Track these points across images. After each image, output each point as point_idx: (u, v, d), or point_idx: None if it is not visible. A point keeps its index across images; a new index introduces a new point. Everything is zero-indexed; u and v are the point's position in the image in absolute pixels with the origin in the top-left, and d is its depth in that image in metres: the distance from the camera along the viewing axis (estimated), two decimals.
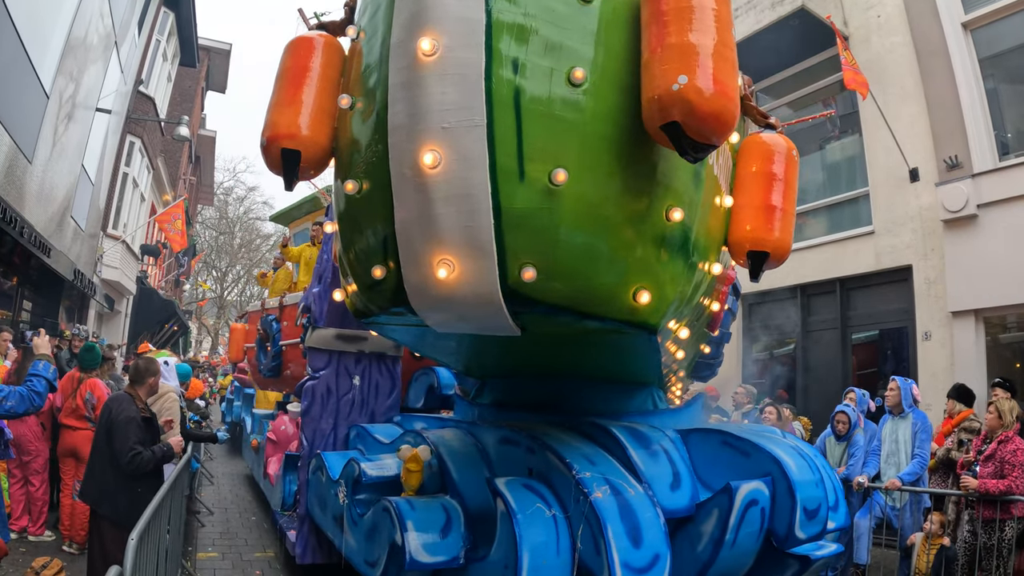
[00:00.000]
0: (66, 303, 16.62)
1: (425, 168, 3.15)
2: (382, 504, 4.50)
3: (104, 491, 5.59)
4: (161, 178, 26.18)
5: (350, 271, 3.95)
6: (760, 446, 4.41)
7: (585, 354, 4.63)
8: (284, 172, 3.84)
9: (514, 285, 3.30)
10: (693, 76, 2.97)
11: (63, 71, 12.00)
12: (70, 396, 8.22)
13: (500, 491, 3.97)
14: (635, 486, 4.08)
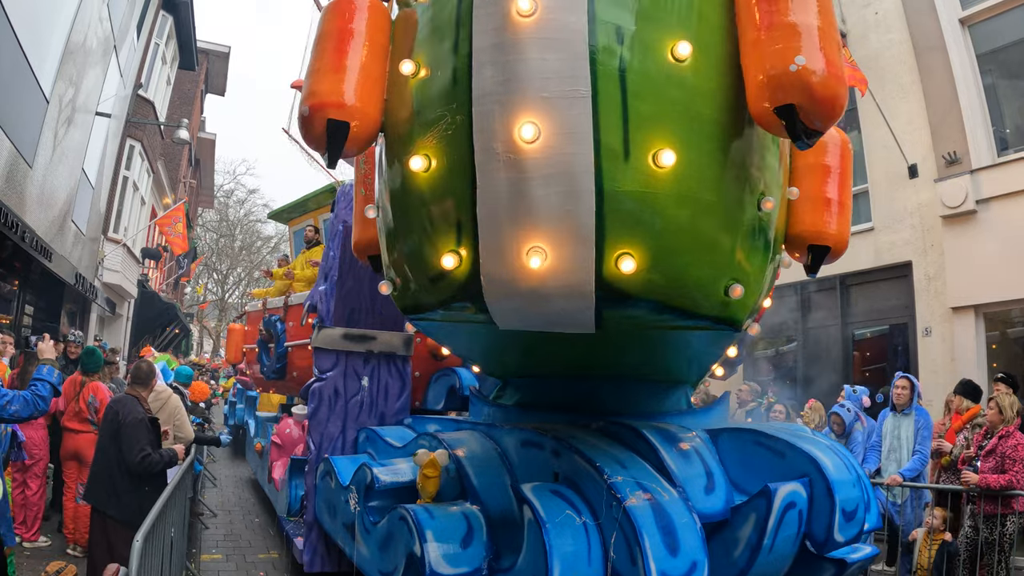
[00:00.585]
0: (68, 307, 16.48)
1: (520, 142, 2.83)
2: (398, 512, 4.25)
3: (111, 492, 5.59)
4: (161, 181, 26.00)
5: (406, 262, 3.54)
6: (796, 446, 4.20)
7: (638, 352, 4.33)
8: (329, 146, 3.36)
9: (609, 277, 2.98)
10: (810, 57, 2.79)
11: (63, 76, 11.88)
12: (73, 400, 8.15)
13: (527, 498, 3.71)
14: (669, 490, 3.82)
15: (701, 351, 4.35)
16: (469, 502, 4.32)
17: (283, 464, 8.94)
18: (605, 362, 4.46)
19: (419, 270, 3.42)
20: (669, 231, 3.01)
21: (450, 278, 3.23)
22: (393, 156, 3.46)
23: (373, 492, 4.93)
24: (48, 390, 5.22)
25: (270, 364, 10.16)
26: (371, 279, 6.73)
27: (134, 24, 17.81)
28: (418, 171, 3.19)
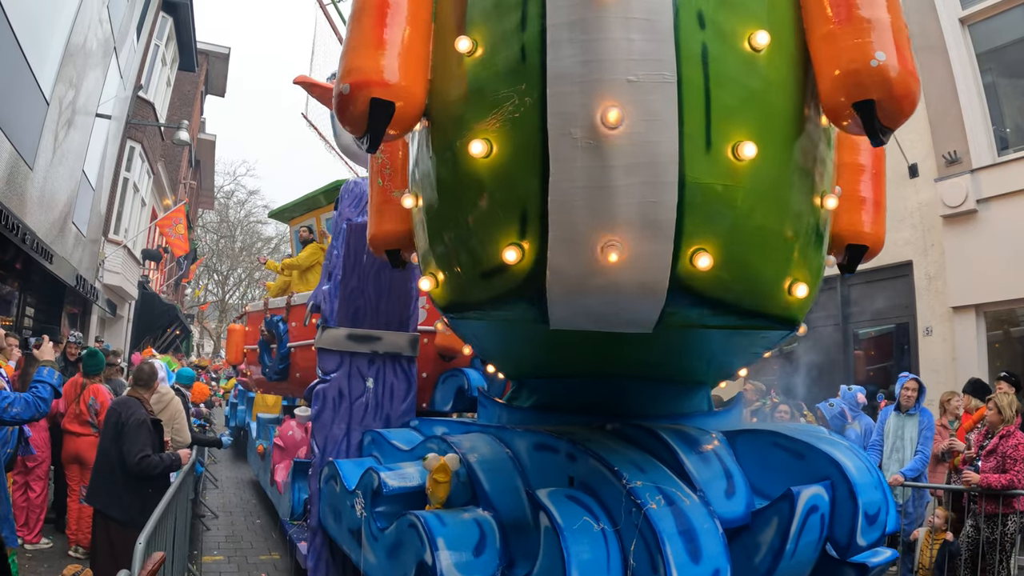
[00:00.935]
0: (68, 309, 16.45)
1: (603, 128, 2.62)
2: (407, 519, 4.08)
3: (113, 493, 5.59)
4: (161, 183, 25.94)
5: (456, 255, 3.24)
6: (816, 447, 4.06)
7: (677, 352, 4.11)
8: (371, 129, 3.08)
9: (683, 274, 2.79)
10: (890, 53, 2.69)
11: (63, 78, 11.85)
12: (73, 402, 8.15)
13: (544, 504, 3.52)
14: (689, 495, 3.65)
15: (744, 352, 4.15)
16: (481, 508, 4.15)
17: (286, 467, 8.87)
18: (633, 362, 4.25)
19: (471, 264, 3.15)
20: (744, 227, 2.84)
21: (509, 273, 2.97)
22: (443, 140, 3.18)
23: (380, 497, 4.74)
24: (48, 392, 5.23)
25: (272, 365, 9.98)
26: (375, 277, 6.63)
27: (134, 26, 17.78)
28: (477, 156, 2.91)
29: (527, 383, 5.09)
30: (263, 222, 47.05)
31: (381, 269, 6.60)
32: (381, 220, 4.26)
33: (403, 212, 4.02)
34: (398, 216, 4.12)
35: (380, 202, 4.27)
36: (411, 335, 6.70)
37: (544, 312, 3.07)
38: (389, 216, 4.16)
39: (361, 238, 6.51)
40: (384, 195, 4.22)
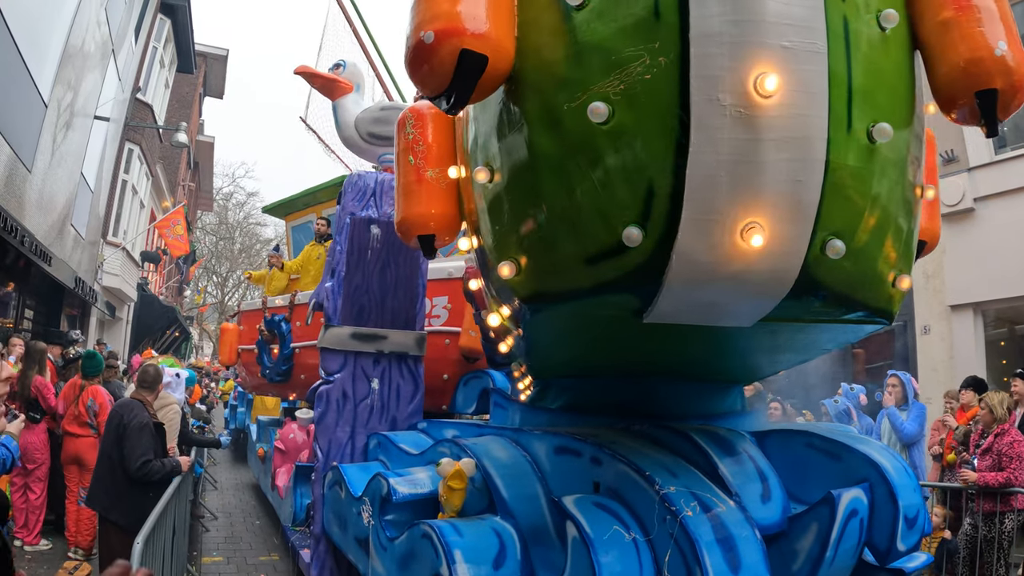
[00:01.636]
0: (68, 311, 16.38)
1: (756, 96, 2.33)
2: (420, 529, 3.80)
3: (113, 497, 5.53)
4: (160, 185, 25.86)
5: (556, 237, 2.78)
6: (853, 448, 3.84)
7: (735, 349, 3.75)
8: (460, 83, 2.66)
9: (812, 262, 2.52)
10: (1010, 43, 2.55)
11: (61, 80, 11.80)
12: (72, 403, 8.10)
13: (571, 513, 3.29)
14: (725, 500, 3.39)
15: (812, 348, 3.79)
16: (499, 516, 3.86)
17: (287, 471, 8.66)
18: (676, 359, 3.91)
19: (574, 247, 2.70)
20: (871, 213, 2.61)
21: (622, 258, 2.56)
22: (541, 105, 2.74)
23: (389, 505, 4.46)
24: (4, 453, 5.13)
25: (274, 366, 9.72)
26: (380, 274, 6.40)
27: (132, 28, 17.74)
28: (596, 123, 2.49)
29: (554, 383, 4.69)
30: (262, 224, 46.94)
31: (386, 265, 6.39)
32: (414, 202, 3.85)
33: (439, 193, 3.74)
34: (434, 197, 3.78)
35: (411, 182, 3.86)
36: (418, 333, 6.45)
37: (647, 303, 2.73)
38: (424, 197, 3.79)
39: (365, 233, 6.34)
40: (417, 174, 3.84)
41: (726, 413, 4.51)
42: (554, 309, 3.01)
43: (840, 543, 3.44)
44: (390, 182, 6.54)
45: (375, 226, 6.38)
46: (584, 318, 3.17)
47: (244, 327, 11.44)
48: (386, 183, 6.57)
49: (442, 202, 3.78)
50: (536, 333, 3.59)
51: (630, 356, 3.89)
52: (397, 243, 6.37)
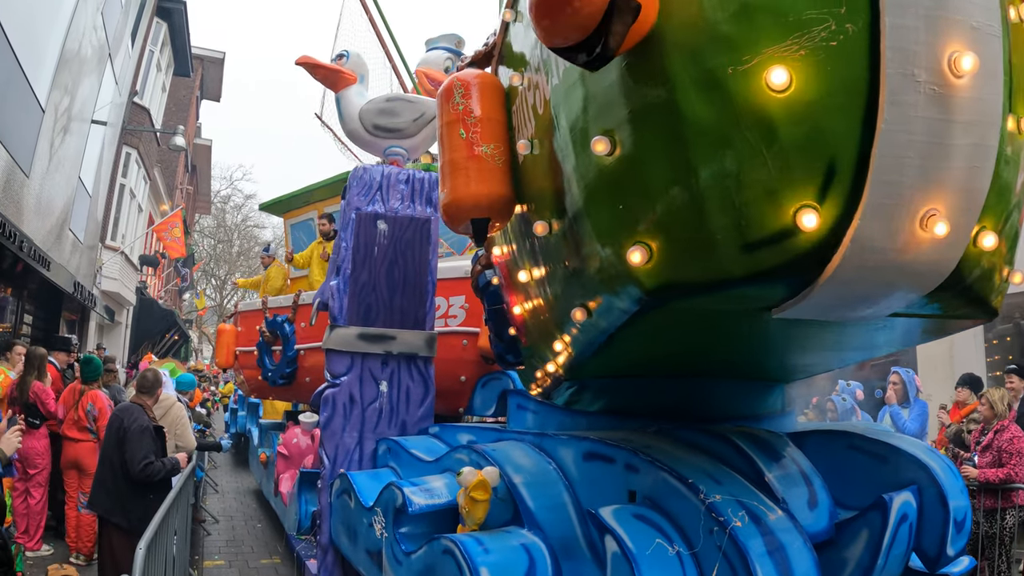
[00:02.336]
0: (67, 316, 16.23)
1: (950, 75, 2.14)
2: (441, 544, 3.53)
3: (115, 500, 5.51)
4: (158, 188, 25.74)
5: (707, 219, 2.39)
6: (900, 449, 3.69)
7: (810, 345, 3.47)
8: (607, 33, 2.31)
9: (967, 254, 2.35)
10: None
11: (58, 84, 11.69)
12: (72, 408, 8.04)
13: (610, 526, 3.03)
14: (774, 508, 3.16)
15: (896, 343, 3.54)
16: (526, 529, 3.57)
17: (291, 477, 8.48)
18: (729, 358, 3.67)
19: (731, 230, 2.36)
20: (1012, 206, 2.45)
21: (789, 243, 2.28)
22: (695, 65, 2.38)
23: (405, 517, 4.17)
24: None
25: (276, 369, 9.42)
26: (388, 271, 6.10)
27: (128, 32, 17.62)
28: (775, 90, 2.21)
29: (590, 384, 4.33)
30: (260, 226, 46.70)
31: (394, 262, 6.17)
32: (466, 181, 3.47)
33: (495, 171, 3.44)
34: (489, 176, 3.44)
35: (463, 158, 3.48)
36: (428, 333, 6.18)
37: (791, 296, 2.47)
38: (477, 176, 3.43)
39: (371, 228, 6.09)
40: (469, 150, 3.47)
41: (767, 414, 4.28)
42: (680, 303, 2.63)
43: (890, 550, 3.27)
44: (397, 175, 6.30)
45: (382, 221, 6.13)
46: (699, 313, 2.80)
47: (242, 328, 11.10)
48: (392, 176, 6.29)
49: (498, 182, 3.46)
50: (629, 331, 3.08)
51: (695, 354, 3.62)
52: (405, 239, 6.16)
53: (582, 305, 3.06)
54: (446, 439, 5.50)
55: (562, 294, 3.36)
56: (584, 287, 3.02)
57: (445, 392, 6.42)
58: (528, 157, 3.33)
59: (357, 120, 6.84)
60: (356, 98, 6.92)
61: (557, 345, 3.79)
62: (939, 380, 10.34)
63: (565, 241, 3.10)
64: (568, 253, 3.09)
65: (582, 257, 2.95)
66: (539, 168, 3.25)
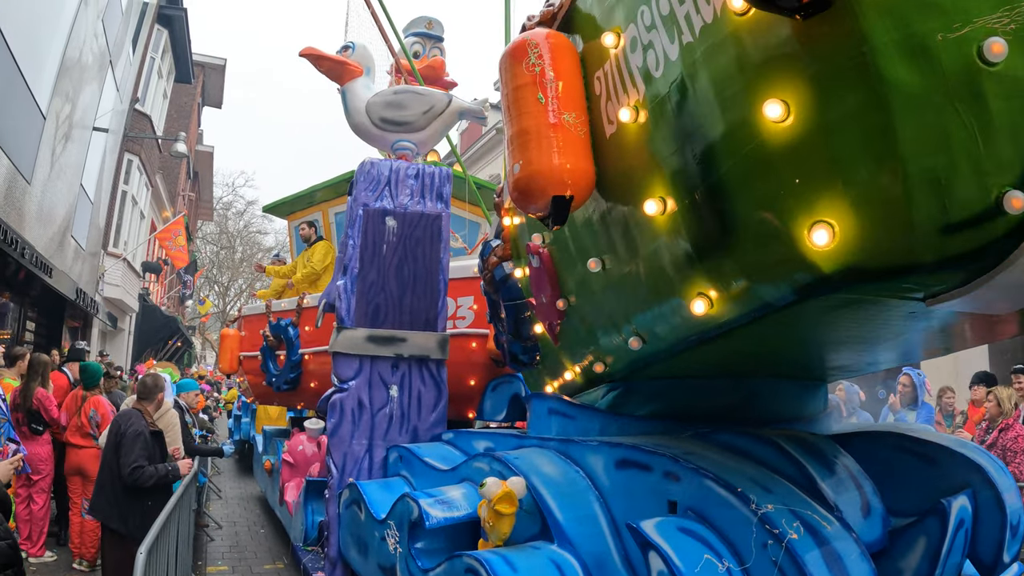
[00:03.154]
0: (69, 323, 16.26)
1: None
2: (464, 562, 3.25)
3: (114, 506, 5.47)
4: (160, 195, 25.69)
5: (916, 196, 2.12)
6: (952, 450, 3.46)
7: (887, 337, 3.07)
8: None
9: None
10: None
11: (59, 92, 11.66)
12: (74, 414, 8.03)
13: (654, 541, 2.76)
14: (829, 518, 2.89)
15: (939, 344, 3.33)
16: (556, 544, 3.27)
17: (296, 485, 8.20)
18: (800, 357, 3.44)
19: (933, 210, 2.09)
20: None
21: (987, 227, 2.06)
22: (899, 28, 2.10)
23: (421, 531, 3.89)
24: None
25: (280, 374, 9.14)
26: (397, 270, 5.87)
27: (129, 39, 17.64)
28: (991, 62, 1.97)
29: (639, 387, 4.00)
30: (262, 232, 46.61)
31: (403, 260, 5.87)
32: (549, 152, 3.01)
33: (579, 143, 3.04)
34: (574, 148, 3.03)
35: (543, 126, 3.04)
36: (440, 335, 5.92)
37: (963, 283, 2.25)
38: (564, 147, 3.01)
39: (380, 225, 5.81)
40: (550, 117, 3.04)
41: (812, 416, 4.06)
42: (849, 290, 2.36)
43: (947, 559, 3.06)
44: (405, 170, 6.04)
45: (390, 218, 5.85)
46: (855, 304, 2.54)
47: (246, 333, 10.78)
48: (401, 171, 6.03)
49: (583, 155, 3.05)
50: (754, 327, 2.78)
51: (768, 352, 3.37)
52: (415, 236, 5.88)
53: (703, 295, 2.72)
54: (462, 446, 5.20)
55: (668, 283, 2.96)
56: (716, 274, 2.68)
57: (454, 396, 6.15)
58: (627, 127, 2.92)
59: (364, 113, 6.50)
60: (362, 91, 6.59)
61: (614, 341, 3.49)
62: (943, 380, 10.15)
63: (687, 223, 2.71)
64: (691, 236, 2.71)
65: (721, 240, 2.59)
66: (648, 139, 2.83)
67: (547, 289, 4.04)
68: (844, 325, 2.79)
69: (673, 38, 2.61)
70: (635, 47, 2.84)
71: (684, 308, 2.82)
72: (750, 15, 2.27)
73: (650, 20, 2.69)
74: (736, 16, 2.31)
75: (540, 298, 4.18)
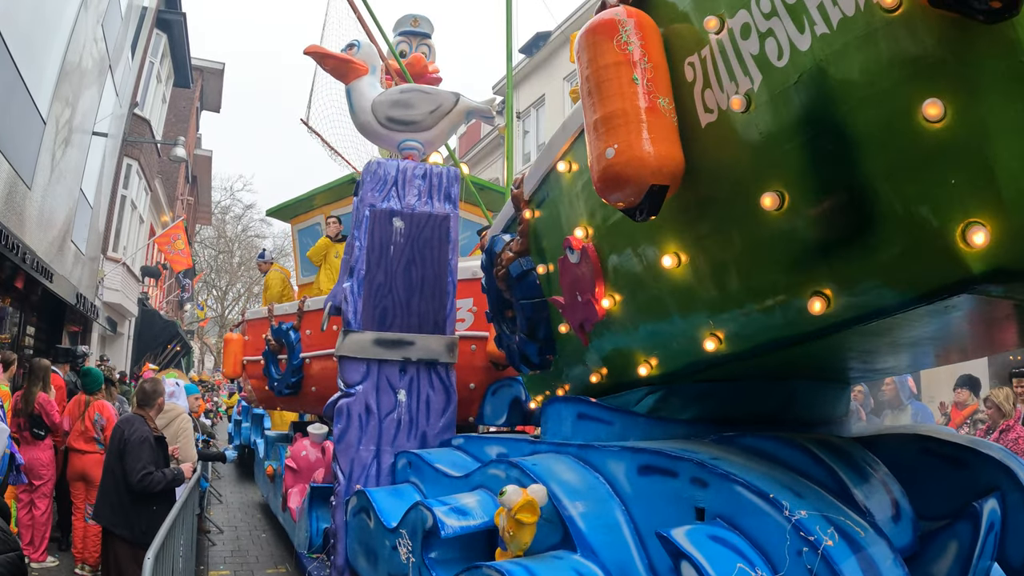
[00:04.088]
0: (69, 327, 16.17)
1: None
2: (484, 573, 3.12)
3: (119, 512, 5.46)
4: (159, 199, 25.68)
5: None
6: (978, 451, 3.33)
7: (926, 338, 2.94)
8: None
9: None
10: None
11: (59, 96, 11.62)
12: (78, 419, 8.01)
13: (686, 551, 2.63)
14: (862, 524, 2.76)
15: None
16: (579, 554, 3.13)
17: (300, 491, 8.12)
18: (848, 360, 3.30)
19: None
20: None
21: None
22: None
23: (436, 540, 3.75)
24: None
25: (282, 378, 9.09)
26: (405, 272, 5.75)
27: (128, 43, 17.56)
28: None
29: (679, 390, 3.84)
30: (260, 236, 46.62)
31: (411, 262, 5.75)
32: (647, 137, 2.75)
33: (675, 131, 2.82)
34: (671, 135, 2.81)
35: (638, 110, 2.77)
36: (449, 338, 5.81)
37: None
38: (662, 133, 2.77)
39: (387, 226, 5.69)
40: (647, 100, 2.78)
41: (838, 418, 3.95)
42: (996, 290, 2.26)
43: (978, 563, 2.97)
44: (413, 170, 5.93)
45: (398, 219, 5.75)
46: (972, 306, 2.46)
47: (249, 337, 10.70)
48: (408, 171, 5.92)
49: (677, 144, 2.82)
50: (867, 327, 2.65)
51: (821, 354, 3.22)
52: (423, 237, 5.77)
53: (820, 294, 2.57)
54: (473, 452, 5.04)
55: (774, 281, 2.78)
56: (843, 273, 2.54)
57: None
58: (735, 116, 2.70)
59: (370, 112, 6.35)
60: (368, 89, 6.44)
61: (677, 342, 3.34)
62: (942, 381, 10.10)
63: (814, 219, 2.55)
64: (818, 233, 2.55)
65: (858, 238, 2.44)
66: (766, 130, 2.63)
67: (588, 286, 3.80)
68: (936, 325, 2.69)
69: (803, 28, 2.45)
70: (748, 34, 2.63)
71: (791, 307, 2.68)
72: (900, 12, 2.15)
73: (769, 7, 2.52)
74: (885, 12, 2.18)
75: (575, 296, 3.95)
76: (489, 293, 5.13)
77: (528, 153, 24.45)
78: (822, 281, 2.55)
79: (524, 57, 23.93)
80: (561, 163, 3.91)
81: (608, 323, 3.78)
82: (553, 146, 4.07)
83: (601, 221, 3.69)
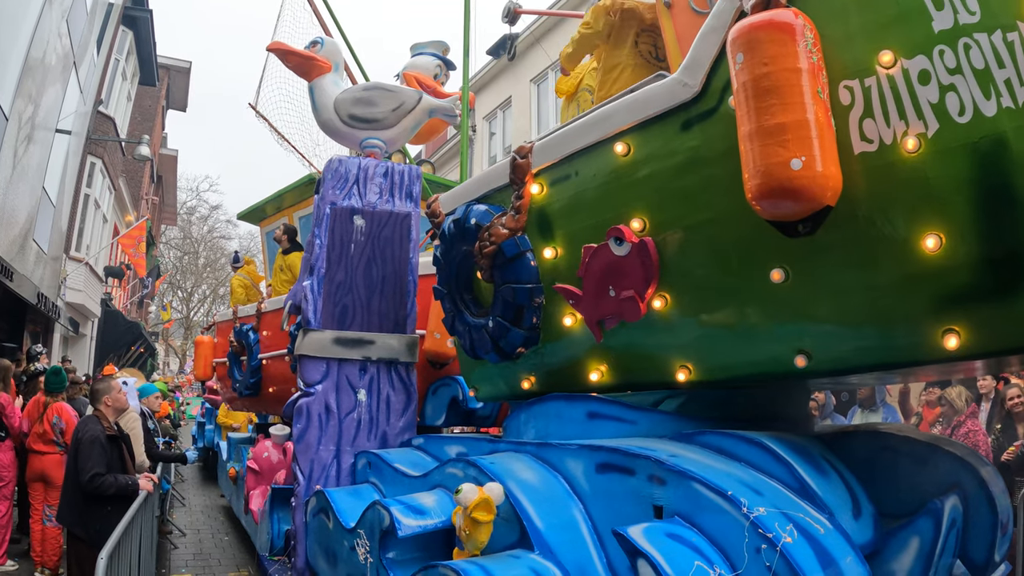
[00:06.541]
0: (31, 327, 15.98)
1: None
2: (440, 572, 3.08)
3: (75, 511, 5.44)
4: (123, 199, 25.35)
5: None
6: (939, 448, 3.35)
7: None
8: None
9: None
10: None
11: (22, 93, 11.48)
12: (37, 421, 7.88)
13: (643, 548, 2.60)
14: (821, 520, 2.76)
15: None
16: (536, 552, 3.10)
17: (262, 493, 8.03)
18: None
19: None
20: None
21: None
22: None
23: (393, 540, 3.69)
24: None
25: (243, 379, 9.07)
26: (366, 270, 5.62)
27: (94, 40, 17.39)
28: None
29: (701, 395, 3.78)
30: (226, 237, 46.03)
31: (372, 260, 5.68)
32: (832, 156, 2.65)
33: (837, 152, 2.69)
34: (837, 156, 2.68)
35: (826, 126, 2.66)
36: (410, 337, 5.76)
37: None
38: (835, 152, 2.65)
39: (348, 224, 5.63)
40: (827, 117, 2.67)
41: (800, 416, 3.98)
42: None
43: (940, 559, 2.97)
44: (374, 168, 5.87)
45: (359, 216, 5.68)
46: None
47: (219, 339, 10.68)
48: (370, 169, 5.86)
49: (839, 167, 2.71)
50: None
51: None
52: (384, 235, 5.72)
53: (953, 332, 2.61)
54: (433, 452, 5.00)
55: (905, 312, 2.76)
56: (983, 316, 2.60)
57: None
58: (899, 153, 2.66)
59: (332, 110, 6.27)
60: (331, 87, 6.37)
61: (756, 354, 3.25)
62: None
63: (969, 264, 2.58)
64: (970, 277, 2.59)
65: (1006, 287, 2.52)
66: (931, 175, 2.61)
67: (635, 282, 3.52)
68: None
69: (989, 95, 2.47)
70: (927, 81, 2.60)
71: (917, 338, 2.69)
72: None
73: (954, 64, 2.53)
74: None
75: (604, 289, 3.67)
76: (447, 267, 4.79)
77: (495, 156, 24.26)
78: (958, 321, 2.59)
79: (491, 59, 23.79)
80: (619, 144, 3.56)
81: (645, 323, 3.60)
82: (599, 122, 3.68)
83: (676, 219, 3.44)
